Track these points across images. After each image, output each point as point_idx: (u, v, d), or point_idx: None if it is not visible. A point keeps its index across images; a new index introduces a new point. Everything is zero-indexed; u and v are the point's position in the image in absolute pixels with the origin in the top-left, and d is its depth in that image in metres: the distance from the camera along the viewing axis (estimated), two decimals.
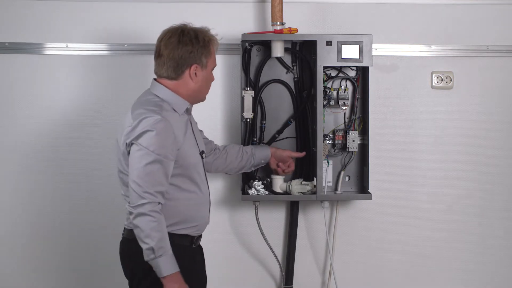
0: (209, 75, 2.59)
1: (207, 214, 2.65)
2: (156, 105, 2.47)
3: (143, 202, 2.37)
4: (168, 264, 2.38)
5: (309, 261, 3.33)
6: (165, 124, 2.41)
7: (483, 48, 3.29)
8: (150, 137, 2.38)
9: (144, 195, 2.37)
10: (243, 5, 3.23)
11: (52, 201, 3.25)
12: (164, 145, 2.40)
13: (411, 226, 3.34)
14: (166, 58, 2.50)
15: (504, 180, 3.34)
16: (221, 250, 3.30)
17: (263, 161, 3.01)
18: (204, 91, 2.61)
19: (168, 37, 2.51)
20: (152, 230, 2.36)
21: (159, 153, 2.39)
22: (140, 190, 2.37)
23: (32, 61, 3.21)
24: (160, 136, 2.39)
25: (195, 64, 2.52)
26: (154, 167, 2.38)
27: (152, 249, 2.36)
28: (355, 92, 3.17)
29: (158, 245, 2.36)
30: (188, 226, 2.55)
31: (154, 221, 2.37)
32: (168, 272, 2.38)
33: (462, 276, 3.36)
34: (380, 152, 3.28)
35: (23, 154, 3.24)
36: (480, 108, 3.32)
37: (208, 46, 2.53)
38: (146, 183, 2.38)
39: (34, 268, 3.27)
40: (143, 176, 2.38)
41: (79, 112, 3.24)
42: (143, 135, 2.39)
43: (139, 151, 2.39)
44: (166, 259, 2.38)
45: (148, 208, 2.37)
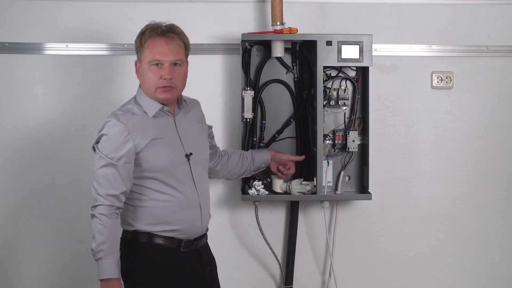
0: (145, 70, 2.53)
1: (195, 218, 2.58)
2: (124, 109, 2.53)
3: (95, 204, 2.45)
4: (106, 268, 2.41)
5: (309, 261, 3.33)
6: (119, 128, 2.45)
7: (483, 48, 3.29)
8: (104, 141, 2.47)
9: (97, 197, 2.45)
10: (243, 5, 3.23)
11: (52, 200, 3.25)
12: (117, 148, 2.44)
13: (411, 226, 3.34)
14: None
15: (504, 180, 3.35)
16: (221, 250, 3.28)
17: (263, 165, 3.02)
18: (147, 87, 2.54)
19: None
20: (97, 232, 2.42)
21: (112, 156, 2.44)
22: (95, 193, 2.46)
23: (32, 61, 3.21)
24: (112, 140, 2.45)
25: (136, 60, 2.59)
26: (107, 170, 2.44)
27: (92, 250, 2.42)
28: (355, 92, 3.17)
29: (98, 248, 2.41)
30: (169, 229, 2.52)
31: (100, 224, 2.42)
32: (105, 276, 2.41)
33: (462, 276, 3.37)
34: (380, 152, 3.28)
35: (23, 154, 3.24)
36: (480, 108, 3.32)
37: (139, 38, 2.56)
38: (98, 186, 2.45)
39: (29, 267, 3.27)
40: (97, 179, 2.46)
41: (79, 112, 3.24)
42: (100, 139, 2.48)
43: (96, 154, 2.49)
44: (105, 263, 2.41)
45: (98, 211, 2.43)
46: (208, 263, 2.68)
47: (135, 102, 2.56)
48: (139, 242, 2.51)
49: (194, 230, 2.58)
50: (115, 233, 2.45)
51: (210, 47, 3.20)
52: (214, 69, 3.23)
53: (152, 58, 2.51)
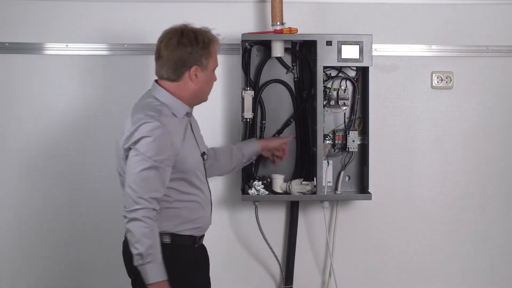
0: (210, 76, 2.57)
1: (209, 214, 2.66)
2: (156, 109, 2.46)
3: (137, 207, 2.38)
4: (156, 272, 2.39)
5: (309, 261, 3.33)
6: (162, 131, 2.41)
7: (483, 48, 3.29)
8: (147, 143, 2.39)
9: (138, 200, 2.38)
10: (243, 5, 3.23)
11: (52, 200, 3.25)
12: (161, 151, 2.40)
13: (411, 226, 3.34)
14: (166, 60, 2.49)
15: (504, 180, 3.35)
16: (221, 250, 3.30)
17: (254, 157, 3.02)
18: (206, 91, 2.60)
19: (168, 38, 2.50)
20: (143, 236, 2.37)
21: (156, 159, 2.39)
22: (135, 196, 2.38)
23: (32, 61, 3.21)
24: (157, 142, 2.39)
25: (195, 65, 2.50)
26: (150, 173, 2.39)
27: (141, 255, 2.37)
28: (355, 92, 3.17)
29: (147, 252, 2.37)
30: (191, 227, 2.56)
31: (146, 227, 2.37)
32: (155, 279, 2.39)
33: (462, 276, 3.36)
34: (380, 152, 3.28)
35: (23, 154, 3.24)
36: (480, 108, 3.32)
37: (208, 47, 2.52)
38: (141, 189, 2.38)
39: (36, 268, 3.27)
40: (138, 181, 2.39)
41: (79, 112, 3.24)
42: (140, 140, 2.39)
43: (136, 156, 2.40)
44: (154, 266, 2.38)
45: (142, 214, 2.38)
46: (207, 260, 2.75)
47: (160, 102, 2.51)
48: (163, 244, 2.47)
49: (208, 225, 2.66)
50: (158, 236, 2.42)
51: None
52: (216, 68, 3.23)
53: (216, 64, 2.58)
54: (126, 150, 2.44)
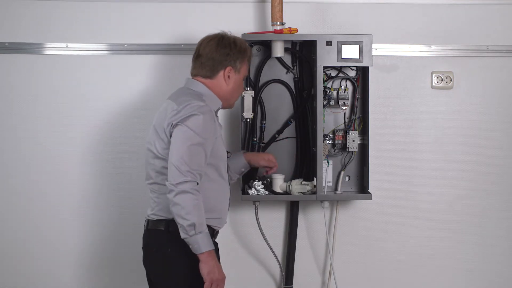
0: (240, 81, 2.70)
1: (227, 208, 2.73)
2: (198, 97, 2.59)
3: (186, 179, 2.44)
4: (207, 241, 2.46)
5: (309, 261, 3.33)
6: (209, 110, 2.53)
7: (483, 48, 3.29)
8: (197, 120, 2.49)
9: (186, 173, 2.45)
10: (243, 5, 3.23)
11: (52, 200, 3.25)
12: (208, 130, 2.51)
13: (411, 226, 3.34)
14: (205, 58, 2.64)
15: (504, 180, 3.34)
16: (221, 250, 3.27)
17: (243, 169, 3.00)
18: (235, 95, 2.71)
19: (208, 40, 2.67)
20: (194, 207, 2.44)
21: (204, 136, 2.49)
22: (184, 169, 2.44)
23: (32, 61, 3.21)
24: (205, 121, 2.51)
25: (230, 66, 2.65)
26: (198, 148, 2.48)
27: (193, 225, 2.43)
28: (355, 92, 3.17)
29: (199, 221, 2.44)
30: (213, 216, 2.61)
31: (195, 199, 2.45)
32: (207, 248, 2.46)
33: (462, 276, 3.36)
34: (380, 152, 3.28)
35: (23, 154, 3.23)
36: (480, 108, 3.32)
37: (245, 52, 2.68)
38: (190, 162, 2.46)
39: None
40: (187, 155, 2.45)
41: (79, 112, 3.24)
42: (190, 117, 2.49)
43: (185, 132, 2.48)
44: (204, 236, 2.46)
45: (190, 186, 2.44)
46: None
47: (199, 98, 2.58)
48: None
49: (225, 220, 2.72)
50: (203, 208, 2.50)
51: None
52: None
53: (247, 72, 2.73)
54: (172, 126, 2.50)
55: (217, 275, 2.50)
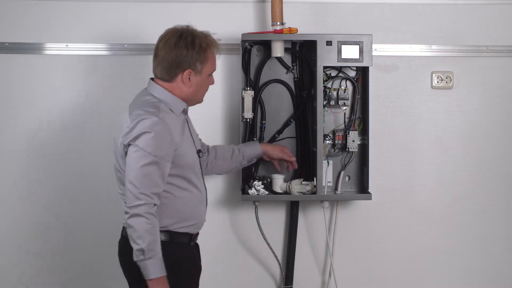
0: (205, 80, 2.58)
1: (204, 212, 2.68)
2: (154, 106, 2.48)
3: (139, 203, 2.39)
4: (156, 267, 2.40)
5: (309, 261, 3.33)
6: (162, 126, 2.42)
7: (483, 48, 3.29)
8: (148, 139, 2.39)
9: (140, 196, 2.39)
10: (243, 5, 3.23)
11: (51, 200, 3.25)
12: (161, 147, 2.41)
13: (411, 226, 3.34)
14: (161, 59, 2.51)
15: (504, 180, 3.34)
16: (221, 250, 3.30)
17: (255, 159, 3.01)
18: (199, 94, 2.61)
19: (167, 38, 2.52)
20: (145, 231, 2.38)
21: (156, 154, 2.40)
22: (136, 191, 2.39)
23: (32, 61, 3.21)
24: (157, 138, 2.40)
25: (189, 69, 2.52)
26: (150, 168, 2.40)
27: (142, 250, 2.38)
28: (355, 92, 3.17)
29: (149, 247, 2.38)
30: (187, 224, 2.57)
31: (148, 223, 2.39)
32: (156, 275, 2.40)
33: (462, 276, 3.36)
34: (380, 152, 3.28)
35: (22, 154, 3.24)
36: (480, 108, 3.32)
37: (205, 52, 2.52)
38: (142, 185, 2.39)
39: (30, 267, 3.27)
40: (139, 177, 2.39)
41: (79, 112, 3.24)
42: (140, 136, 2.40)
43: (136, 152, 2.40)
44: (154, 262, 2.39)
45: (144, 210, 2.39)
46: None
47: (157, 99, 2.52)
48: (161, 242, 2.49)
49: (202, 223, 2.68)
50: (158, 231, 2.44)
51: None
52: (216, 69, 3.23)
53: (213, 70, 2.59)
54: (125, 146, 2.44)
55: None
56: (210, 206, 3.25)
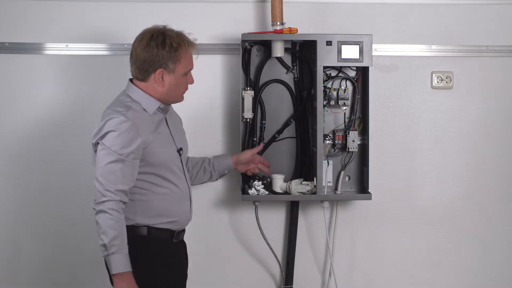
0: (179, 80, 2.60)
1: (187, 210, 2.68)
2: (124, 106, 2.55)
3: (104, 199, 2.45)
4: (120, 263, 2.44)
5: (309, 261, 3.33)
6: (128, 125, 2.48)
7: (483, 48, 3.29)
8: (113, 137, 2.47)
9: (105, 193, 2.45)
10: (243, 5, 3.23)
11: (50, 199, 3.25)
12: (126, 145, 2.47)
13: (411, 226, 3.34)
14: (135, 59, 2.57)
15: (504, 180, 3.34)
16: (221, 250, 3.30)
17: (227, 171, 3.01)
18: (176, 94, 2.63)
19: (140, 38, 2.58)
20: (108, 227, 2.44)
21: (121, 152, 2.46)
22: (102, 188, 2.46)
23: (32, 61, 3.21)
24: (122, 136, 2.46)
25: (161, 68, 2.55)
26: (115, 166, 2.46)
27: (104, 246, 2.43)
28: (355, 92, 3.17)
29: (111, 243, 2.43)
30: (167, 220, 2.60)
31: (111, 219, 2.44)
32: (118, 270, 2.44)
33: (462, 276, 3.36)
34: (380, 152, 3.28)
35: (23, 154, 3.24)
36: (480, 108, 3.32)
37: (177, 51, 2.54)
38: (107, 182, 2.46)
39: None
40: (105, 175, 2.46)
41: (79, 112, 3.24)
42: (106, 135, 2.48)
43: (102, 150, 2.48)
44: (118, 257, 2.44)
45: (108, 206, 2.45)
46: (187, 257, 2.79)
47: (131, 99, 2.58)
48: (139, 236, 2.56)
49: (186, 220, 2.69)
50: (124, 228, 2.48)
51: (210, 47, 3.20)
52: (214, 69, 3.23)
53: (188, 69, 2.61)
54: (94, 145, 2.53)
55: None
56: (210, 206, 3.27)
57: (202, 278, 3.29)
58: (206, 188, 3.18)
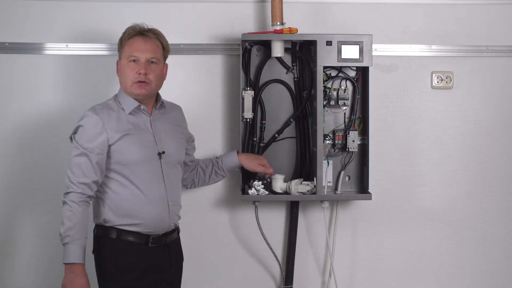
0: (125, 64, 2.67)
1: (162, 215, 2.67)
2: (102, 104, 2.69)
3: (67, 191, 2.59)
4: (72, 254, 2.52)
5: (309, 261, 3.33)
6: (95, 120, 2.59)
7: (483, 48, 3.29)
8: (80, 132, 2.61)
9: (69, 185, 2.59)
10: (243, 5, 3.23)
11: (49, 199, 3.25)
12: (91, 139, 2.57)
13: (411, 226, 3.34)
14: None
15: (504, 180, 3.35)
16: (221, 250, 3.30)
17: (237, 169, 3.07)
18: (123, 81, 2.69)
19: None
20: (66, 218, 2.55)
21: (86, 147, 2.58)
22: (68, 181, 2.60)
23: (32, 61, 3.21)
24: (88, 131, 2.60)
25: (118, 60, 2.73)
26: (80, 159, 2.58)
27: (60, 235, 2.56)
28: (355, 92, 3.17)
29: (66, 233, 2.52)
30: (132, 222, 2.62)
31: (69, 210, 2.54)
32: (68, 260, 2.52)
33: (462, 276, 3.36)
34: (380, 152, 3.28)
35: (23, 154, 3.24)
36: (480, 108, 3.32)
37: (121, 40, 2.70)
38: (72, 175, 2.59)
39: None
40: (71, 167, 2.60)
41: (79, 112, 3.22)
42: (76, 130, 2.63)
43: (72, 144, 2.63)
44: (71, 248, 2.51)
45: (69, 198, 2.57)
46: (176, 262, 2.78)
47: (114, 99, 2.72)
48: (109, 238, 2.62)
49: (161, 226, 2.68)
50: (84, 220, 2.56)
51: (210, 47, 3.20)
52: (214, 69, 3.23)
53: (130, 54, 2.66)
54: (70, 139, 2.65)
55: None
56: (210, 206, 3.27)
57: (202, 278, 3.29)
58: (206, 188, 3.18)
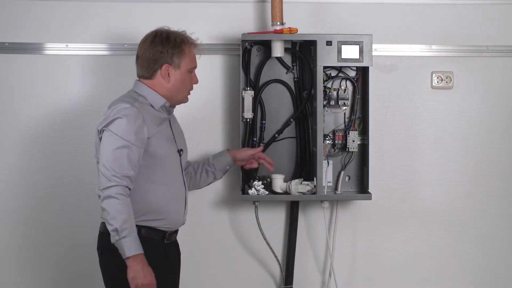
0: (185, 76, 2.65)
1: (181, 211, 2.69)
2: (132, 98, 2.60)
3: (111, 185, 2.46)
4: (132, 245, 2.45)
5: (309, 261, 3.33)
6: (134, 112, 2.52)
7: (483, 48, 3.29)
8: (120, 124, 2.51)
9: (111, 178, 2.47)
10: (243, 5, 3.23)
11: (48, 200, 3.25)
12: (132, 131, 2.50)
13: (411, 226, 3.34)
14: (140, 59, 2.65)
15: (504, 180, 3.34)
16: (221, 250, 3.30)
17: (228, 167, 3.00)
18: (181, 92, 2.68)
19: (144, 40, 2.66)
20: (117, 212, 2.44)
21: (128, 139, 2.49)
22: (109, 174, 2.47)
23: (32, 61, 3.21)
24: (129, 123, 2.50)
25: (166, 63, 2.62)
26: (122, 152, 2.48)
27: (116, 230, 2.44)
28: (355, 92, 3.17)
29: (123, 227, 2.44)
30: (156, 218, 2.60)
31: (119, 203, 2.45)
32: (132, 253, 2.45)
33: (462, 276, 3.36)
34: (380, 152, 3.28)
35: (23, 154, 3.24)
36: (480, 108, 3.32)
37: (180, 46, 2.62)
38: (114, 167, 2.48)
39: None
40: (111, 160, 2.48)
41: (79, 112, 3.24)
42: (113, 121, 2.51)
43: (109, 137, 2.51)
44: (130, 240, 2.45)
45: (115, 191, 2.46)
46: (179, 258, 2.79)
47: (138, 94, 2.64)
48: None
49: (178, 222, 2.69)
50: (132, 212, 2.49)
51: (210, 47, 3.20)
52: (214, 69, 3.23)
53: (192, 66, 2.66)
54: (99, 132, 2.56)
55: (142, 279, 2.45)
56: (210, 206, 3.27)
57: (202, 278, 3.29)
58: (206, 188, 3.17)
